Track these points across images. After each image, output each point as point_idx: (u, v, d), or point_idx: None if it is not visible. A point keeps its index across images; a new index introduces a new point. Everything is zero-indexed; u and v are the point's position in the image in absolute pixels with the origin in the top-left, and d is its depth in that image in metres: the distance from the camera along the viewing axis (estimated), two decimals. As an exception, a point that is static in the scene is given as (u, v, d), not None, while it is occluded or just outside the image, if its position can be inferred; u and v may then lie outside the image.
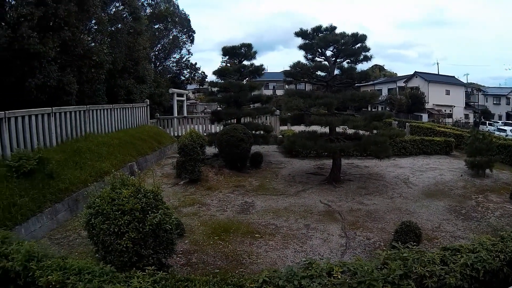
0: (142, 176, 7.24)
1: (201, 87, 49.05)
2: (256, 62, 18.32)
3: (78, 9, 13.77)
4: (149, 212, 5.61)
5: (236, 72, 18.07)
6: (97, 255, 5.85)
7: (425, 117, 48.86)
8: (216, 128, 21.08)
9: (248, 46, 17.76)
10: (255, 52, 17.91)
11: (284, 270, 4.32)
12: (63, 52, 14.30)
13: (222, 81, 18.26)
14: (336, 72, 14.23)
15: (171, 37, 35.92)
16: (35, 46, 11.98)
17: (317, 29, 14.16)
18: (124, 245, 5.29)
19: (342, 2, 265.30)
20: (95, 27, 17.31)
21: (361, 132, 13.96)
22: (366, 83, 15.82)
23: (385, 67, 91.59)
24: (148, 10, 32.13)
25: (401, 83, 62.23)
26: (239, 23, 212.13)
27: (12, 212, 7.79)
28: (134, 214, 5.45)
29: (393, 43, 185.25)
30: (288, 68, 14.52)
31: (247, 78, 18.67)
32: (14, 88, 12.66)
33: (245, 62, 18.14)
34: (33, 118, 10.79)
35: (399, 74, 75.97)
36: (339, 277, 4.05)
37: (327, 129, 13.96)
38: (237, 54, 17.90)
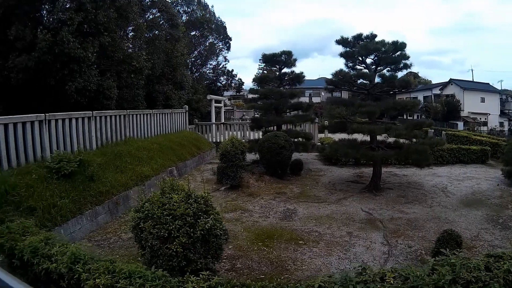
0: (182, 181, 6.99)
1: (237, 93, 49.55)
2: (296, 69, 18.17)
3: (117, 15, 13.98)
4: (200, 217, 5.57)
5: (277, 79, 17.99)
6: (138, 258, 5.90)
7: (460, 125, 47.47)
8: (255, 135, 21.04)
9: (288, 53, 17.57)
10: (295, 60, 17.73)
11: (338, 275, 4.20)
12: (102, 57, 14.55)
13: (263, 88, 18.12)
14: (377, 80, 14.02)
15: (207, 44, 36.12)
16: (76, 51, 12.18)
17: (358, 37, 14.00)
18: (174, 250, 5.24)
19: (374, 9, 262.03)
20: (132, 33, 17.58)
21: (400, 140, 13.60)
22: (406, 91, 15.57)
23: (420, 74, 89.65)
24: (184, 17, 32.42)
25: (436, 91, 60.54)
26: (274, 30, 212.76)
27: (52, 213, 7.84)
28: (186, 219, 5.41)
29: (426, 49, 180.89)
30: (325, 76, 14.53)
31: (287, 86, 18.46)
32: (54, 91, 12.92)
33: (285, 70, 18.01)
34: (74, 121, 10.91)
35: (433, 82, 74.13)
36: (392, 282, 3.95)
37: (366, 137, 13.72)
38: (277, 61, 17.76)
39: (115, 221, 9.57)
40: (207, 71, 37.98)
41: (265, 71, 30.63)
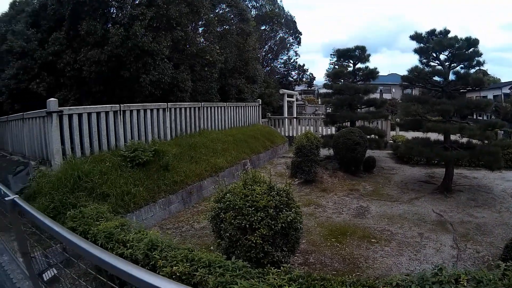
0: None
1: (309, 88, 49.08)
2: (369, 65, 17.65)
3: (189, 10, 14.08)
4: (282, 210, 5.56)
5: (351, 75, 17.60)
6: (211, 248, 6.18)
7: (532, 127, 43.53)
8: (327, 130, 20.82)
9: (362, 48, 17.15)
10: (369, 55, 17.27)
11: (416, 274, 4.16)
12: (175, 51, 14.81)
13: (337, 84, 17.89)
14: (451, 77, 13.34)
15: (278, 38, 35.87)
16: (149, 45, 12.43)
17: (431, 32, 13.47)
18: (254, 241, 5.25)
19: (441, 4, 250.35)
20: (203, 28, 17.75)
21: (473, 141, 12.95)
22: (478, 90, 14.69)
23: (489, 72, 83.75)
24: (254, 12, 32.36)
25: (506, 90, 56.36)
26: (342, 24, 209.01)
27: (125, 200, 8.08)
28: (268, 211, 5.40)
29: (494, 46, 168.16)
30: (396, 72, 14.27)
31: (360, 81, 17.95)
32: (128, 82, 13.29)
33: (359, 65, 17.55)
34: (148, 112, 11.24)
35: (502, 80, 68.76)
36: (465, 284, 3.86)
37: (438, 136, 13.27)
38: (351, 56, 17.38)
39: (187, 210, 9.77)
40: (279, 66, 37.80)
41: (336, 66, 30.01)
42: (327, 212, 10.03)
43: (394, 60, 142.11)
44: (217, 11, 19.24)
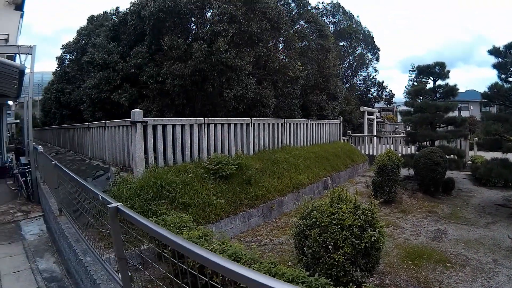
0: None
1: (388, 105, 47.58)
2: (449, 81, 16.79)
3: (269, 26, 14.03)
4: (367, 229, 5.59)
5: (431, 92, 16.82)
6: (289, 263, 6.39)
7: None
8: (407, 149, 20.19)
9: (442, 65, 16.33)
10: (448, 71, 16.40)
11: None
12: (257, 67, 14.94)
13: (418, 101, 17.16)
14: None
15: (356, 54, 35.32)
16: (233, 60, 12.46)
17: (509, 46, 12.77)
18: (336, 259, 5.27)
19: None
20: (283, 44, 17.64)
21: None
22: None
23: None
24: (332, 28, 32.02)
25: None
26: (419, 39, 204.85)
27: (206, 211, 8.30)
28: (353, 230, 5.43)
29: None
30: (473, 88, 13.46)
31: (440, 99, 16.96)
32: (212, 96, 13.44)
33: (439, 82, 16.73)
34: (232, 126, 11.46)
35: None
36: None
37: None
38: (431, 73, 16.58)
39: (267, 225, 9.87)
40: (358, 82, 37.14)
41: (416, 83, 29.14)
42: (405, 234, 9.83)
43: (471, 75, 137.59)
44: (296, 27, 19.05)
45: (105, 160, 11.56)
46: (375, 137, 23.42)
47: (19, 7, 20.08)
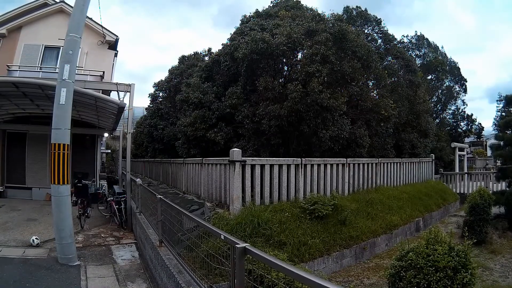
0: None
1: (478, 140, 45.45)
2: None
3: (361, 65, 13.99)
4: (460, 271, 5.55)
5: None
6: None
7: None
8: (498, 186, 19.17)
9: None
10: None
11: None
12: (350, 106, 14.90)
13: (507, 134, 16.28)
14: None
15: (444, 87, 34.19)
16: (328, 101, 12.54)
17: None
18: None
19: None
20: (373, 81, 17.50)
21: None
22: None
23: None
24: (418, 61, 31.27)
25: None
26: (502, 63, 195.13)
27: (300, 250, 8.34)
28: (446, 272, 5.47)
29: None
30: None
31: None
32: (307, 136, 13.57)
33: None
34: (328, 166, 11.65)
35: None
36: None
37: None
38: None
39: (358, 266, 9.83)
40: (447, 117, 35.70)
41: (504, 113, 27.71)
42: (494, 276, 9.65)
43: None
44: (384, 63, 18.81)
45: (200, 195, 11.99)
46: (466, 174, 22.84)
47: (113, 46, 21.64)
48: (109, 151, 41.50)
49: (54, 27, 18.91)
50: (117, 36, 21.17)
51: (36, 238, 9.92)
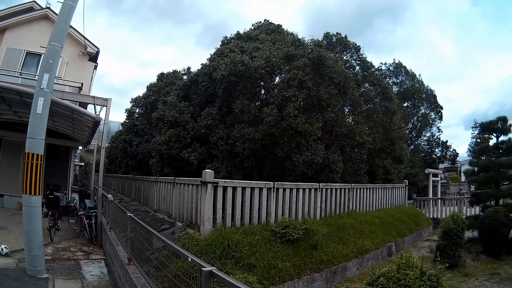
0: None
1: (452, 165, 46.34)
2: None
3: (337, 91, 14.22)
4: None
5: (495, 149, 16.47)
6: None
7: None
8: (471, 210, 19.83)
9: (504, 119, 16.04)
10: (511, 125, 16.07)
11: None
12: (325, 131, 15.07)
13: (482, 160, 16.86)
14: None
15: (420, 114, 35.00)
16: (303, 126, 12.64)
17: None
18: None
19: None
20: (349, 107, 17.83)
21: None
22: None
23: None
24: (395, 89, 31.97)
25: None
26: (479, 91, 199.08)
27: (270, 273, 8.27)
28: None
29: None
30: None
31: (504, 155, 16.46)
32: (281, 160, 13.57)
33: (502, 137, 16.36)
34: (301, 191, 11.69)
35: None
36: None
37: None
38: (494, 129, 16.33)
39: None
40: (422, 143, 36.58)
41: (479, 139, 28.67)
42: None
43: None
44: (361, 90, 19.14)
45: (171, 214, 11.97)
46: (439, 200, 23.42)
47: (93, 58, 21.51)
48: (83, 164, 41.01)
49: (37, 33, 18.80)
50: (98, 49, 21.08)
51: (5, 247, 9.69)
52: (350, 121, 16.90)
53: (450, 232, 12.27)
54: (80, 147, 23.69)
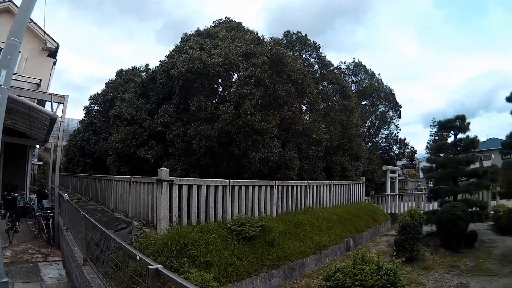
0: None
1: (410, 162, 47.57)
2: (469, 133, 16.86)
3: (295, 89, 14.27)
4: None
5: (453, 147, 16.97)
6: None
7: None
8: (429, 206, 20.10)
9: (462, 118, 16.54)
10: (469, 124, 16.58)
11: None
12: (282, 129, 15.13)
13: (440, 157, 17.32)
14: None
15: (378, 113, 35.69)
16: (259, 124, 12.66)
17: None
18: None
19: None
20: (307, 105, 17.93)
21: None
22: None
23: None
24: (354, 87, 32.57)
25: None
26: (440, 91, 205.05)
27: (228, 271, 8.35)
28: None
29: None
30: (495, 136, 13.62)
31: (462, 152, 17.05)
32: (237, 158, 13.54)
33: (460, 135, 16.88)
34: (257, 188, 11.69)
35: None
36: None
37: None
38: (452, 127, 16.79)
39: (288, 286, 9.98)
40: (380, 141, 37.28)
41: (437, 137, 29.42)
42: None
43: (492, 123, 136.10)
44: (319, 88, 19.31)
45: (128, 213, 11.78)
46: (397, 196, 23.75)
47: (53, 54, 20.99)
48: (41, 163, 40.04)
49: (-1, 27, 18.10)
50: (58, 44, 20.61)
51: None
52: (307, 119, 17.05)
53: (408, 227, 12.48)
54: (38, 146, 23.03)
